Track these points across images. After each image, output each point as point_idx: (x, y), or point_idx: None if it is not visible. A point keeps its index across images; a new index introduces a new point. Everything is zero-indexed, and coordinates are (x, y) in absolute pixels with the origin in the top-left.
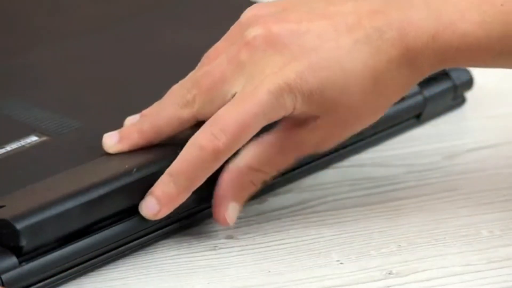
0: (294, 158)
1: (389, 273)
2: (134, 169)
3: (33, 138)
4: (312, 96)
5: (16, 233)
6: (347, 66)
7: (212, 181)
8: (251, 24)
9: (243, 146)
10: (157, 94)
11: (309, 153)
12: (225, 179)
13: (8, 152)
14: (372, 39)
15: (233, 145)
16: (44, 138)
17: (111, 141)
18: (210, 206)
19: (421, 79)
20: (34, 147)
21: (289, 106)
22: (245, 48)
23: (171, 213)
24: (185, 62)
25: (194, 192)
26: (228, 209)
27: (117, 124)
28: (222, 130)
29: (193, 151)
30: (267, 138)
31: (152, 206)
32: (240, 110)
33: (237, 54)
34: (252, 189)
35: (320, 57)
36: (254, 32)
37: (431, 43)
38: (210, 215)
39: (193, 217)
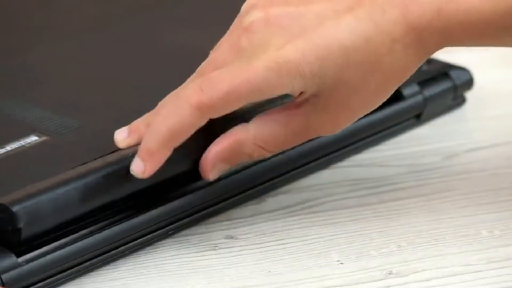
0: (299, 139)
1: (389, 273)
2: (130, 154)
3: (33, 138)
4: (312, 75)
5: (13, 216)
6: (348, 43)
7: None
8: (249, 11)
9: (252, 121)
10: (157, 94)
11: (316, 136)
12: (225, 140)
13: (8, 152)
14: (374, 16)
15: (218, 105)
16: (44, 138)
17: (121, 136)
18: (210, 206)
19: (426, 58)
20: (34, 147)
21: (287, 84)
22: (245, 34)
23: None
24: (185, 62)
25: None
26: (215, 168)
27: (117, 124)
28: (211, 88)
29: (176, 101)
30: (273, 115)
31: (137, 164)
32: (234, 75)
33: (238, 41)
34: (247, 159)
35: (320, 35)
36: (253, 16)
37: (436, 20)
38: (210, 215)
39: (193, 217)
